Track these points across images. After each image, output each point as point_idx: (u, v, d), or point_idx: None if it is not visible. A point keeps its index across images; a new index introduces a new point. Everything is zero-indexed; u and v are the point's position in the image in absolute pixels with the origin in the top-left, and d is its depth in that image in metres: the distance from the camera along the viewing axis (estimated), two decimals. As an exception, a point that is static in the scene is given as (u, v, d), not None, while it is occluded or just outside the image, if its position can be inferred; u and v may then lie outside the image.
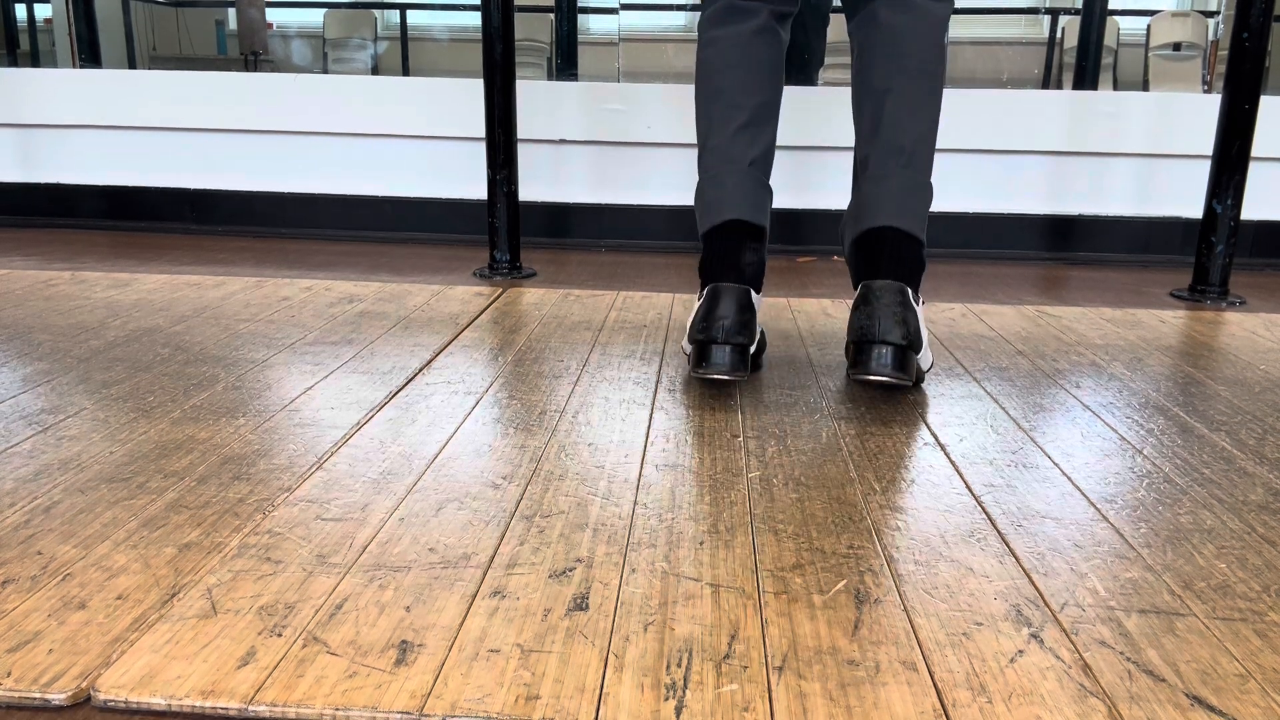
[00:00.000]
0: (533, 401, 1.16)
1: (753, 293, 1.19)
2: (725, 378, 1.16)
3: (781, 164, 1.79)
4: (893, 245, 1.17)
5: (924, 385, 1.26)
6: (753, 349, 1.20)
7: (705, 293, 1.19)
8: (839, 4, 1.33)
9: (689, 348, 1.19)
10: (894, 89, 1.21)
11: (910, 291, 1.14)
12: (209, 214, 2.57)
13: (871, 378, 1.11)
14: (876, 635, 0.67)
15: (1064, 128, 2.38)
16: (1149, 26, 5.97)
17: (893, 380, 1.11)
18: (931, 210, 1.24)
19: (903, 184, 1.19)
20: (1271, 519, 0.88)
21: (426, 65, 6.63)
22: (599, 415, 1.12)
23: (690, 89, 1.32)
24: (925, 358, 1.25)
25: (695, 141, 1.31)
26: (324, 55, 6.67)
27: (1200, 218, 1.91)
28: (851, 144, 1.32)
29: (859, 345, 1.12)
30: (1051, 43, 5.94)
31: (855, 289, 1.19)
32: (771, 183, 1.29)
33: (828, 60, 2.90)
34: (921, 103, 1.22)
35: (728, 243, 1.22)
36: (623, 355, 1.38)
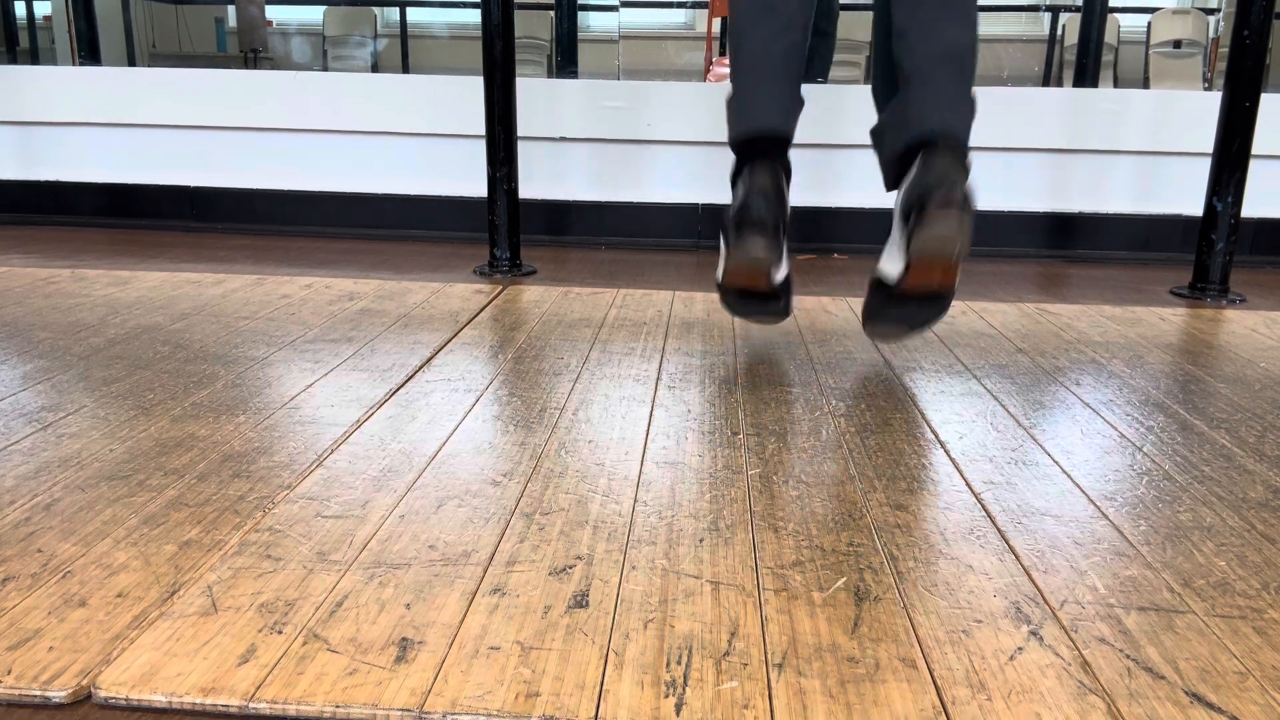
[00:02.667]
0: (533, 399, 1.16)
1: (785, 184, 1.19)
2: (760, 255, 1.14)
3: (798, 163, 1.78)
4: (946, 150, 1.10)
5: (924, 384, 1.26)
6: (784, 268, 1.20)
7: (740, 179, 1.17)
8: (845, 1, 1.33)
9: (721, 255, 1.19)
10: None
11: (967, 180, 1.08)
12: (209, 211, 2.57)
13: (936, 232, 1.04)
14: (876, 632, 0.67)
15: (1064, 125, 2.37)
16: (1150, 24, 5.97)
17: (956, 240, 1.04)
18: None
19: (956, 91, 1.14)
20: (1271, 516, 0.88)
21: (426, 63, 6.63)
22: (599, 412, 1.12)
23: (691, 86, 1.32)
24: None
25: (695, 138, 1.31)
26: (324, 52, 6.67)
27: (1200, 215, 1.91)
28: (862, 142, 1.30)
29: (922, 198, 1.06)
30: (1052, 40, 5.94)
31: (897, 189, 1.15)
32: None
33: (836, 58, 2.90)
34: (964, 9, 1.17)
35: (762, 149, 1.21)
36: (623, 353, 1.38)
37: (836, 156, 2.36)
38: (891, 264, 1.18)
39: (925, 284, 1.11)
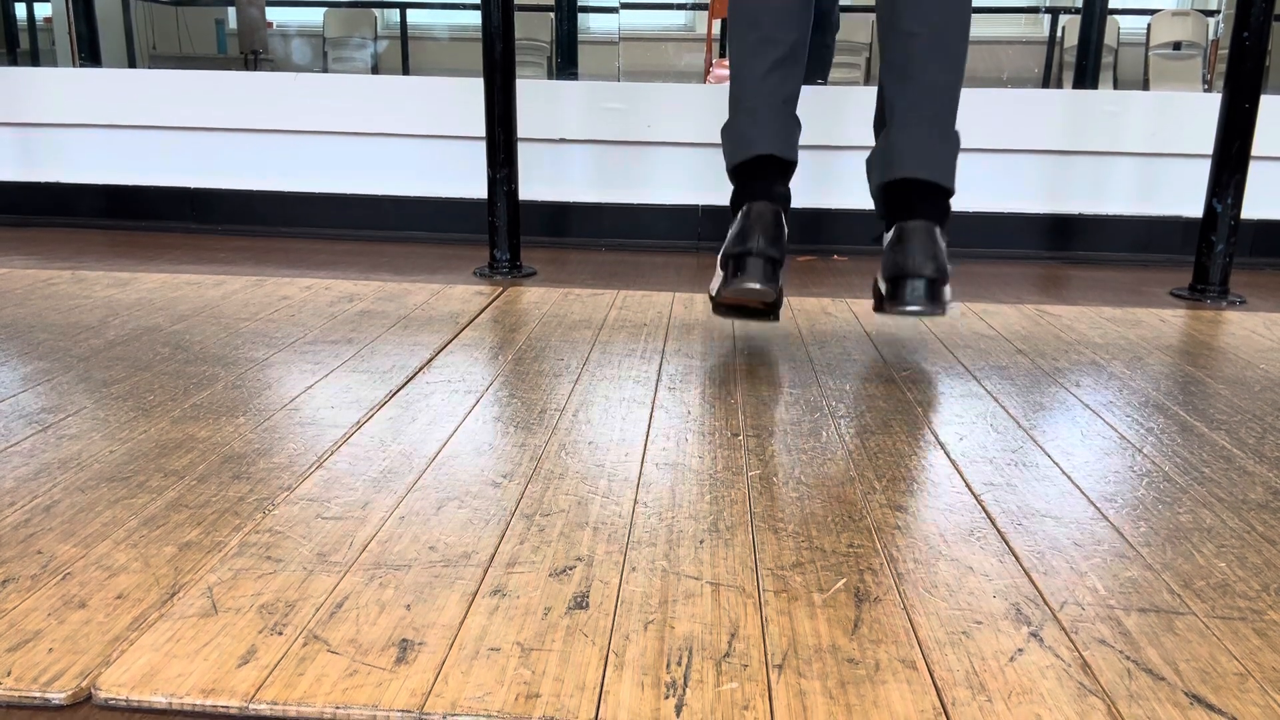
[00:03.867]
0: (533, 400, 1.16)
1: (783, 215, 1.25)
2: (758, 287, 1.21)
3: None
4: (923, 192, 1.22)
5: (924, 385, 1.26)
6: (781, 278, 1.25)
7: (740, 212, 1.24)
8: (846, 2, 1.37)
9: (718, 277, 1.25)
10: (922, 34, 1.23)
11: (939, 230, 1.20)
12: (209, 213, 2.57)
13: (908, 308, 1.17)
14: (876, 634, 0.67)
15: (1064, 127, 2.38)
16: (1149, 25, 5.97)
17: (927, 310, 1.16)
18: None
19: (932, 134, 1.23)
20: (1271, 518, 0.88)
21: (427, 64, 6.63)
22: (599, 414, 1.12)
23: (690, 87, 1.33)
24: (949, 293, 1.27)
25: (695, 140, 1.32)
26: (324, 54, 6.67)
27: (1200, 217, 1.91)
28: (862, 143, 1.34)
29: (894, 280, 1.18)
30: (1052, 41, 5.95)
31: (884, 228, 1.24)
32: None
33: (836, 59, 2.91)
34: (951, 49, 1.24)
35: (759, 175, 1.27)
36: (623, 354, 1.38)
37: (837, 158, 2.36)
38: (882, 280, 1.26)
39: (909, 307, 1.21)
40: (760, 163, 1.26)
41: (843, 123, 2.32)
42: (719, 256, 1.26)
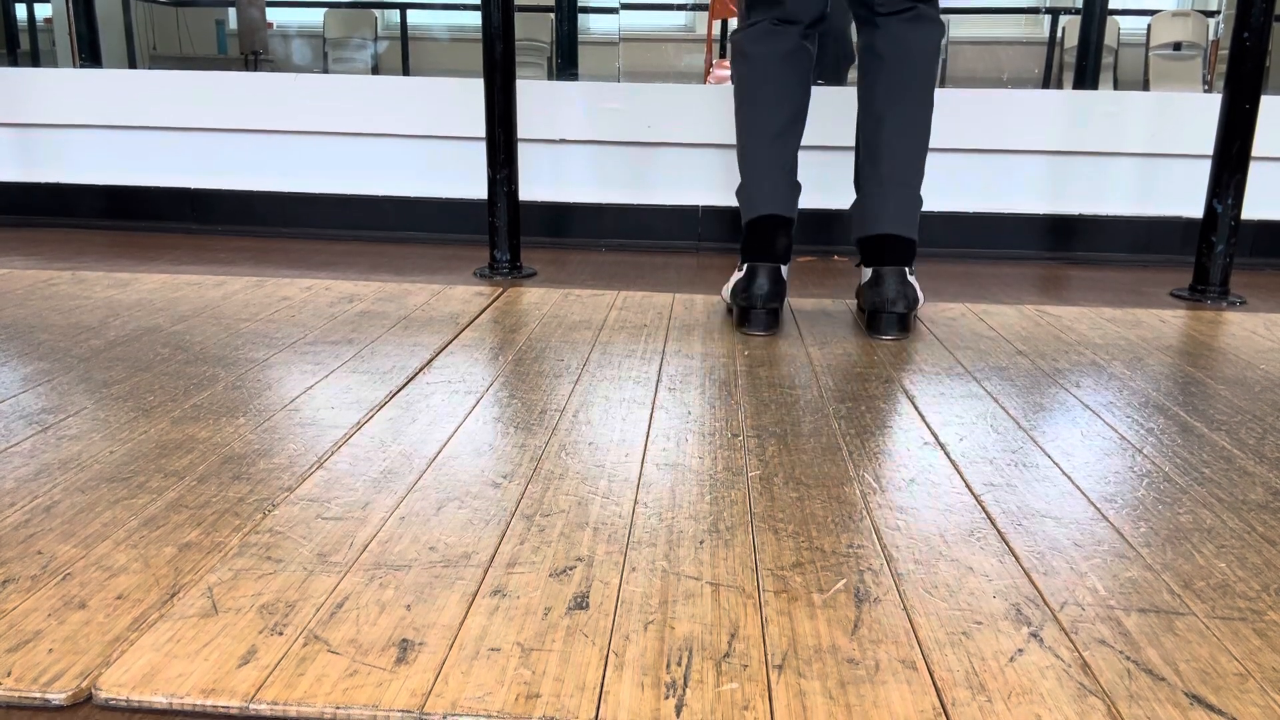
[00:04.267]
0: (533, 401, 1.16)
1: (782, 267, 1.54)
2: (762, 334, 1.52)
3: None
4: (893, 243, 1.52)
5: (924, 386, 1.26)
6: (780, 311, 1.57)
7: (745, 269, 1.53)
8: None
9: (732, 306, 1.58)
10: (890, 116, 1.50)
11: (907, 270, 1.52)
12: (209, 213, 2.57)
13: (884, 337, 1.51)
14: (876, 634, 0.67)
15: (1064, 127, 2.38)
16: (1149, 26, 5.97)
17: (899, 337, 1.51)
18: (931, 210, 1.30)
19: (898, 199, 1.51)
20: (1271, 518, 0.88)
21: (427, 65, 6.63)
22: (599, 414, 1.12)
23: (691, 88, 1.34)
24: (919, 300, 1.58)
25: (695, 140, 1.33)
26: (324, 55, 6.67)
27: (1200, 217, 1.91)
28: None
29: (873, 314, 1.52)
30: (1052, 42, 5.95)
31: (865, 266, 1.56)
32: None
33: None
34: (915, 126, 1.51)
35: (764, 231, 1.52)
36: (623, 354, 1.38)
37: (838, 158, 2.36)
38: (862, 318, 1.59)
39: (887, 335, 1.53)
40: (766, 220, 1.52)
41: (844, 124, 2.32)
42: (729, 293, 1.59)
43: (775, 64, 1.52)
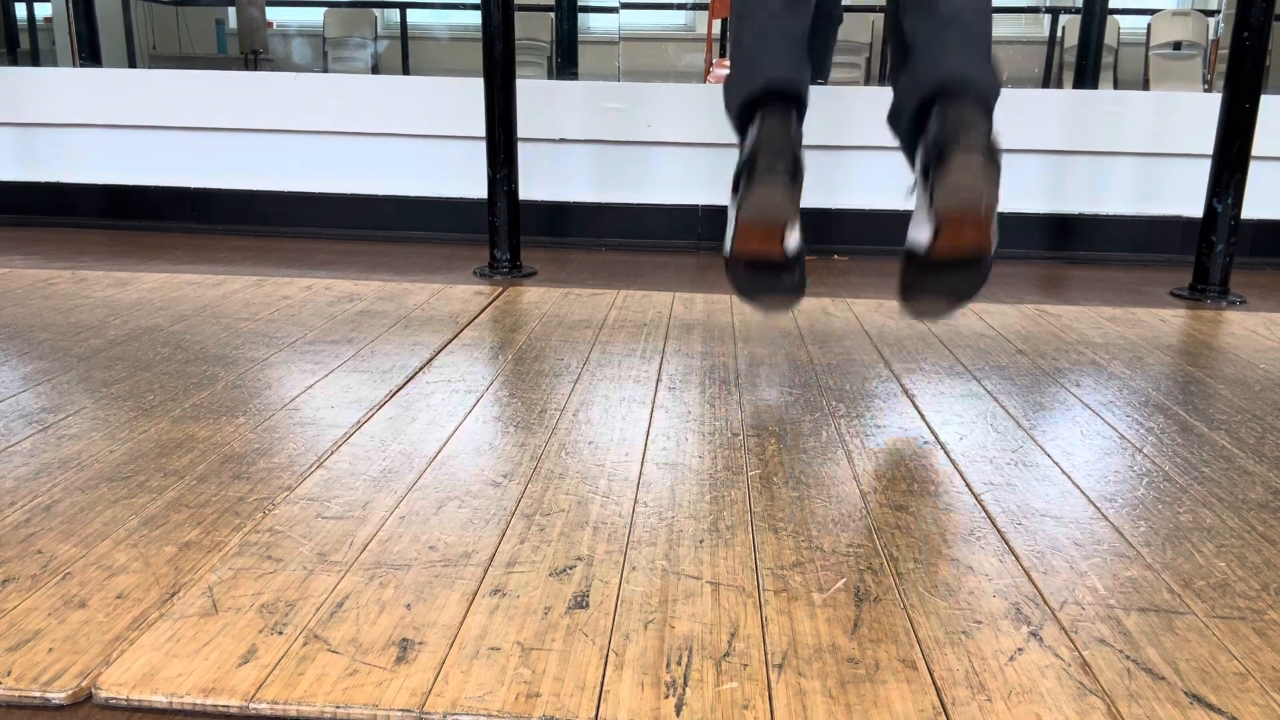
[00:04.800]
0: (533, 400, 1.16)
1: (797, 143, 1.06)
2: (776, 219, 1.02)
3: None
4: (964, 96, 1.01)
5: (924, 385, 1.26)
6: (796, 237, 1.07)
7: (753, 123, 1.05)
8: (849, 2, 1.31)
9: (730, 223, 1.07)
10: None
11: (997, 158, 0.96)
12: (209, 213, 2.57)
13: (965, 162, 0.96)
14: (876, 633, 0.67)
15: (1064, 126, 2.38)
16: (1149, 25, 5.97)
17: (982, 178, 0.96)
18: None
19: (967, 43, 1.03)
20: (1271, 517, 0.88)
21: (427, 64, 6.63)
22: (599, 413, 1.12)
23: (691, 87, 1.32)
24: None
25: (695, 140, 1.31)
26: (324, 54, 6.67)
27: (1200, 217, 1.91)
28: (864, 144, 1.23)
29: (944, 144, 0.98)
30: (1052, 41, 5.94)
31: (915, 162, 1.05)
32: None
33: (835, 59, 2.90)
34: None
35: (770, 101, 1.07)
36: (623, 354, 1.38)
37: (838, 159, 2.36)
38: (920, 231, 1.04)
39: (958, 245, 0.99)
40: (772, 93, 1.07)
41: (844, 123, 2.32)
42: (730, 191, 1.08)
43: None
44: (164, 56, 6.64)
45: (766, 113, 1.04)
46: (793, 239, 1.07)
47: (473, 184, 2.46)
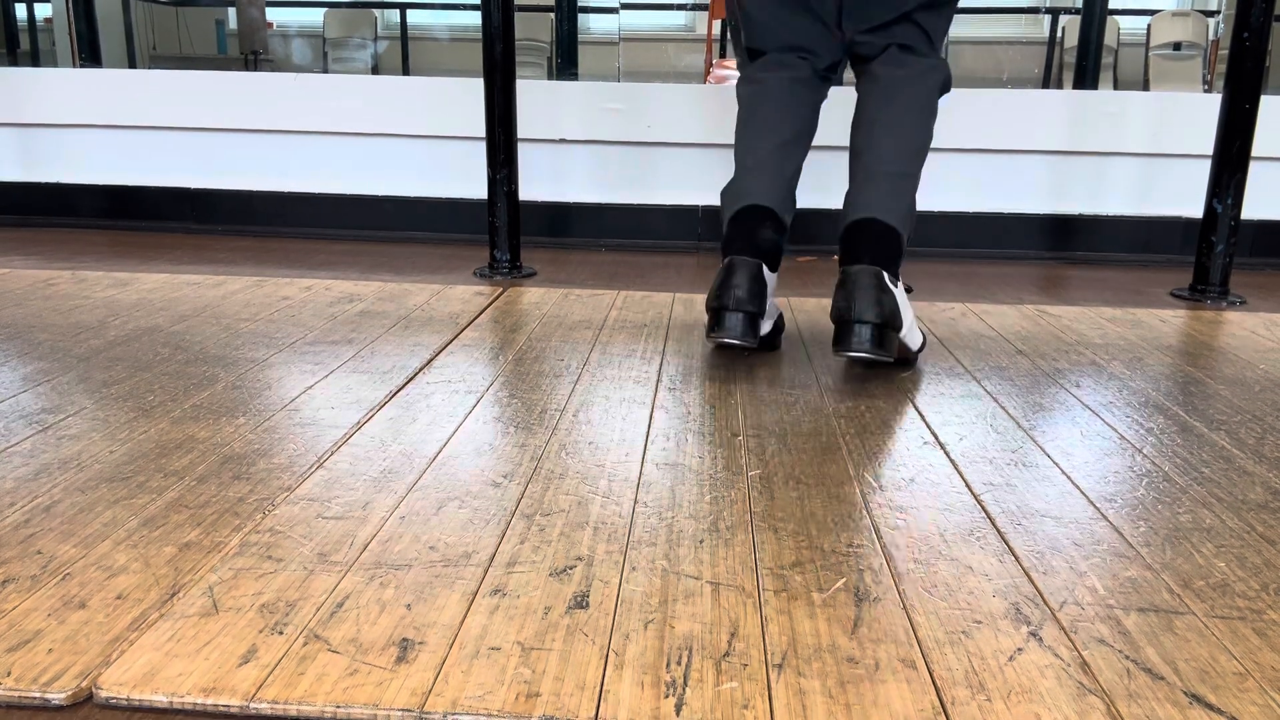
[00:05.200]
0: (533, 400, 1.16)
1: (765, 268, 1.27)
2: (735, 342, 1.25)
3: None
4: (871, 234, 1.25)
5: (924, 386, 1.26)
6: (766, 324, 1.31)
7: (722, 265, 1.28)
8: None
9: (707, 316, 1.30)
10: (882, 119, 1.32)
11: (886, 275, 1.21)
12: (209, 213, 2.57)
13: (851, 353, 1.20)
14: (876, 633, 0.67)
15: (1064, 127, 2.38)
16: (1149, 26, 5.97)
17: (870, 355, 1.19)
18: (932, 210, 1.27)
19: (884, 188, 1.28)
20: (1270, 518, 0.88)
21: (427, 65, 6.63)
22: (599, 414, 1.12)
23: (691, 88, 1.33)
24: (914, 338, 1.31)
25: (695, 140, 1.32)
26: (324, 55, 6.67)
27: (1200, 217, 1.91)
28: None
29: (839, 324, 1.21)
30: (1052, 42, 5.94)
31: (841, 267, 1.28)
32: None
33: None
34: (908, 130, 1.32)
35: (748, 222, 1.29)
36: (623, 354, 1.38)
37: (838, 158, 2.36)
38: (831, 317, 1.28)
39: (849, 344, 1.22)
40: (752, 210, 1.30)
41: (844, 123, 2.31)
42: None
43: (784, 86, 1.37)
44: (164, 57, 6.64)
45: (736, 260, 1.26)
46: (756, 337, 1.27)
47: (473, 184, 2.46)
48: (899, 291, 1.24)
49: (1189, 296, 1.92)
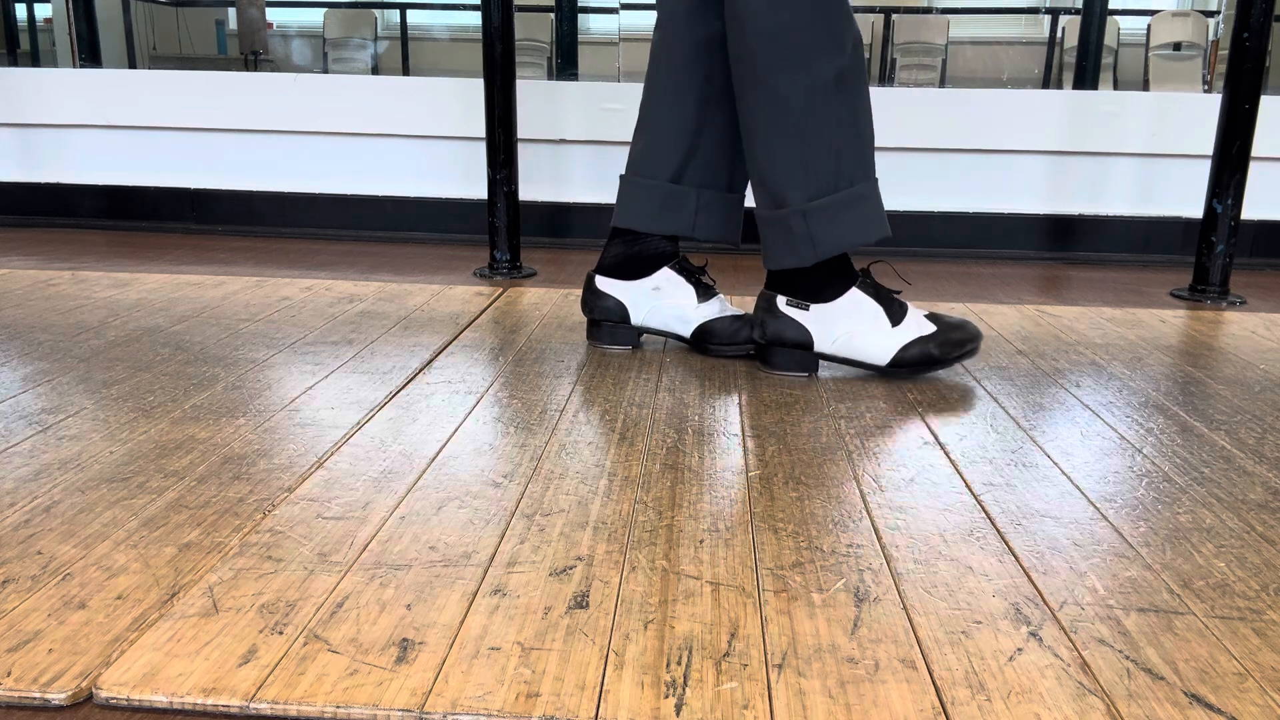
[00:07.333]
0: (533, 400, 1.16)
1: (599, 277, 1.42)
2: (605, 345, 1.42)
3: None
4: (763, 296, 1.32)
5: (923, 386, 1.26)
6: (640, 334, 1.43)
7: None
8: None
9: None
10: (750, 126, 1.28)
11: (782, 298, 1.28)
12: (209, 214, 2.57)
13: (769, 368, 1.32)
14: (876, 633, 0.67)
15: (1064, 127, 2.38)
16: (1149, 26, 5.97)
17: (766, 370, 1.31)
18: (932, 210, 1.27)
19: (769, 231, 1.28)
20: (1270, 518, 0.88)
21: (427, 65, 6.63)
22: (599, 414, 1.12)
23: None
24: (886, 351, 1.26)
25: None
26: (324, 55, 6.67)
27: (1200, 217, 1.91)
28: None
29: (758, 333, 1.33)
30: (1051, 42, 5.95)
31: None
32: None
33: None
34: (779, 137, 1.24)
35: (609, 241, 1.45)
36: (623, 354, 1.38)
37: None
38: None
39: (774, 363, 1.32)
40: (613, 231, 1.44)
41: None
42: None
43: (661, 44, 1.51)
44: (164, 57, 6.64)
45: (592, 274, 1.43)
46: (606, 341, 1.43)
47: (473, 184, 2.46)
48: (793, 313, 1.28)
49: (1189, 296, 1.92)
